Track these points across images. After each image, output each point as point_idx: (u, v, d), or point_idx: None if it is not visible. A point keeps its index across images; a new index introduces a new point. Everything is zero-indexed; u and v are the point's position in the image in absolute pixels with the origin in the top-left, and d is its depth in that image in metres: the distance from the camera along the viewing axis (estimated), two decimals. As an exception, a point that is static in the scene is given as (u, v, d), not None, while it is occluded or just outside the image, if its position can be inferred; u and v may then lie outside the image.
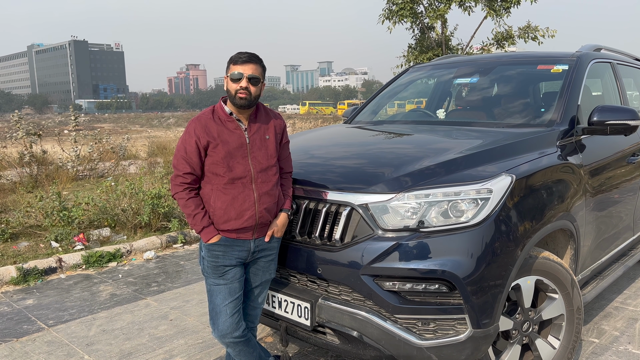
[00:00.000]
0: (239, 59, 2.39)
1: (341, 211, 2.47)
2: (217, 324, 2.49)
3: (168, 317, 3.91)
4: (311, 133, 3.86)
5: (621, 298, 4.08)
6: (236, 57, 2.41)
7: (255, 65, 2.41)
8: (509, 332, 2.61)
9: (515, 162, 2.64)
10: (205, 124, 2.42)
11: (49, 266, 4.90)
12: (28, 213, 6.22)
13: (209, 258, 2.47)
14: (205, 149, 2.40)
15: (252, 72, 2.39)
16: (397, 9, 13.54)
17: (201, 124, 2.42)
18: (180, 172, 2.41)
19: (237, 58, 2.40)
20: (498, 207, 2.37)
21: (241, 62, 2.39)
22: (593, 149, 3.22)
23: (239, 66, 2.39)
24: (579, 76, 3.42)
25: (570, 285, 2.73)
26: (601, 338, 3.40)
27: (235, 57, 2.42)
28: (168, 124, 54.73)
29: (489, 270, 2.31)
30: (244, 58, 2.39)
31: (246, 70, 2.38)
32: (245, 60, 2.39)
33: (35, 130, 9.97)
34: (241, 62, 2.39)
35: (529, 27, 13.87)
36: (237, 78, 2.38)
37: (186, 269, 5.08)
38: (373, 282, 2.35)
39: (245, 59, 2.39)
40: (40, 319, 3.90)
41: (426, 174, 2.49)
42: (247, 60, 2.39)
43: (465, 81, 4.03)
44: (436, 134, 3.34)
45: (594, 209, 3.12)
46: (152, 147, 15.04)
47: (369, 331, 2.37)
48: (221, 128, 2.42)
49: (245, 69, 2.38)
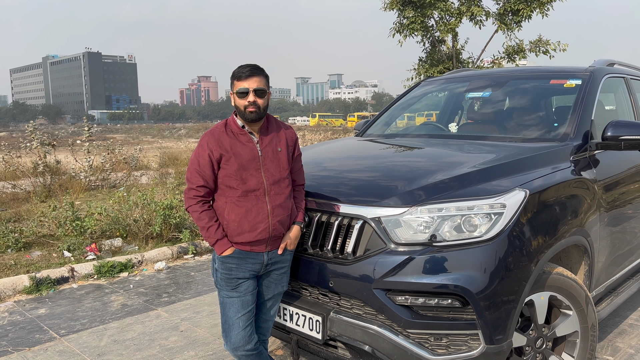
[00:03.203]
0: (242, 74, 2.40)
1: (353, 224, 2.47)
2: (229, 336, 2.49)
3: (179, 328, 3.92)
4: (323, 146, 3.87)
5: (636, 315, 4.02)
6: (238, 72, 2.42)
7: (259, 77, 2.42)
8: (522, 348, 2.58)
9: (528, 176, 2.63)
10: (218, 137, 2.44)
11: (61, 276, 4.94)
12: (41, 223, 6.29)
13: (222, 270, 2.48)
14: (218, 162, 2.42)
15: (257, 85, 2.41)
16: (408, 23, 13.59)
17: (214, 137, 2.44)
18: (194, 185, 2.43)
19: (240, 73, 2.41)
20: (512, 222, 2.36)
21: (245, 77, 2.40)
22: (607, 164, 3.20)
23: (244, 81, 2.40)
24: (592, 91, 3.41)
25: (584, 301, 2.70)
26: (616, 356, 3.35)
27: (237, 72, 2.43)
28: (179, 135, 55.18)
29: (502, 286, 2.29)
30: (247, 72, 2.40)
31: (251, 84, 2.40)
32: (249, 74, 2.40)
33: (49, 140, 10.12)
34: (245, 77, 2.40)
35: (540, 40, 13.86)
36: (243, 92, 2.39)
37: (197, 279, 5.09)
38: (385, 296, 2.34)
39: (248, 73, 2.40)
40: (52, 329, 3.92)
41: (439, 188, 2.49)
42: (250, 74, 2.41)
43: (478, 95, 4.03)
44: (449, 147, 3.34)
45: (608, 224, 3.09)
46: (164, 158, 15.16)
47: (381, 346, 2.35)
48: (234, 141, 2.44)
49: (250, 83, 2.40)
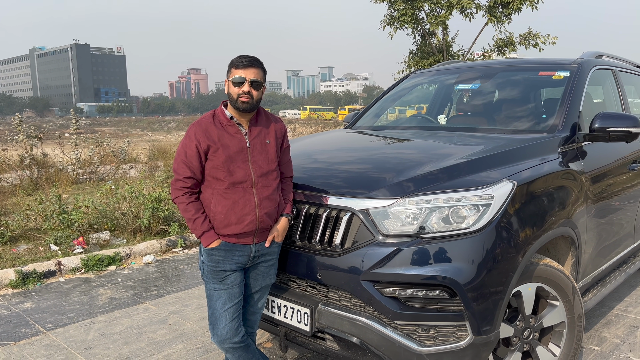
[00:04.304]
0: (241, 63, 2.38)
1: (342, 216, 2.46)
2: (216, 329, 2.48)
3: (167, 322, 3.89)
4: (312, 138, 3.85)
5: (622, 305, 4.06)
6: (237, 61, 2.40)
7: (257, 70, 2.40)
8: (510, 339, 2.59)
9: (516, 168, 2.63)
10: (205, 128, 2.41)
11: (48, 269, 4.89)
12: (28, 216, 6.21)
13: (209, 263, 2.46)
14: (205, 153, 2.39)
15: (254, 77, 2.38)
16: (399, 15, 13.55)
17: (202, 128, 2.41)
18: (181, 176, 2.40)
19: (239, 62, 2.39)
20: (499, 213, 2.36)
21: (243, 66, 2.38)
22: (594, 155, 3.21)
23: (241, 70, 2.38)
24: (580, 83, 3.41)
25: (571, 292, 2.72)
26: (602, 346, 3.38)
27: (236, 60, 2.40)
28: (169, 127, 54.81)
29: (489, 277, 2.29)
30: (246, 62, 2.38)
31: (248, 74, 2.37)
32: (247, 64, 2.38)
33: (36, 133, 9.98)
34: (243, 67, 2.38)
35: (530, 33, 13.90)
36: (239, 82, 2.37)
37: (185, 273, 5.06)
38: (373, 288, 2.33)
39: (247, 63, 2.38)
40: (39, 323, 3.88)
41: (427, 179, 2.48)
42: (248, 64, 2.38)
43: (467, 87, 4.03)
44: (437, 139, 3.33)
45: (595, 215, 3.11)
46: (153, 150, 15.03)
47: (369, 337, 2.35)
48: (222, 132, 2.41)
49: (247, 73, 2.37)
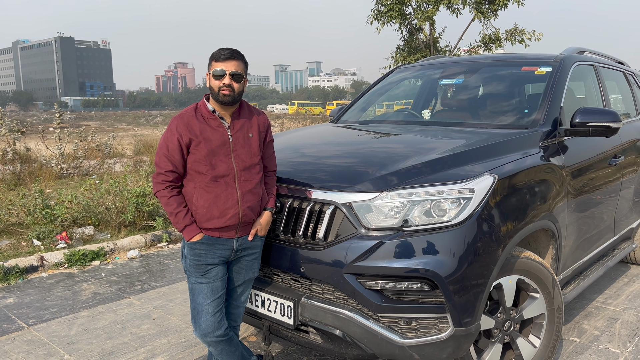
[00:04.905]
0: (221, 56, 2.37)
1: (325, 210, 2.47)
2: (198, 322, 2.47)
3: (151, 316, 3.88)
4: (296, 132, 3.85)
5: (602, 298, 4.13)
6: (218, 53, 2.39)
7: (238, 62, 2.39)
8: (491, 331, 2.62)
9: (498, 162, 2.65)
10: (187, 121, 2.40)
11: (30, 264, 4.83)
12: (10, 211, 6.13)
13: (191, 256, 2.45)
14: (187, 147, 2.38)
15: (235, 69, 2.37)
16: (386, 10, 13.58)
17: (183, 122, 2.40)
18: (162, 169, 2.39)
19: (219, 55, 2.38)
20: (480, 206, 2.38)
21: (223, 58, 2.37)
22: (575, 150, 3.25)
23: (221, 63, 2.37)
24: (562, 78, 3.45)
25: (551, 284, 2.76)
26: (582, 337, 3.44)
27: (216, 53, 2.39)
28: (155, 122, 54.36)
29: (470, 269, 2.32)
30: (226, 55, 2.37)
31: (229, 67, 2.37)
32: (228, 56, 2.37)
33: (19, 127, 9.84)
34: (223, 59, 2.37)
35: (516, 29, 14.04)
36: (219, 75, 2.36)
37: (170, 267, 5.04)
38: (356, 281, 2.35)
39: (227, 56, 2.37)
40: (21, 318, 3.84)
41: (409, 173, 2.50)
42: (229, 56, 2.37)
43: (451, 82, 4.05)
44: (421, 134, 3.35)
45: (575, 209, 3.15)
46: (139, 145, 14.89)
47: (352, 330, 2.37)
48: (204, 126, 2.40)
49: (228, 65, 2.37)
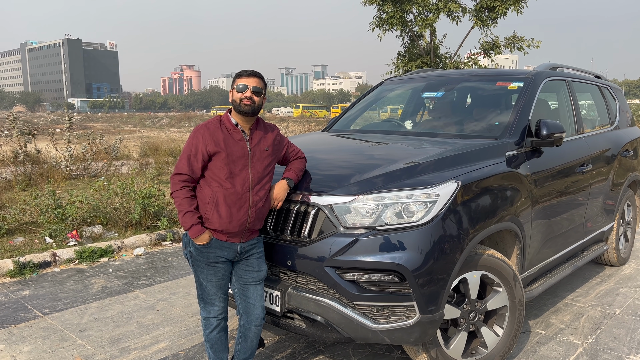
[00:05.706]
0: (244, 73, 2.74)
1: (309, 211, 2.80)
2: (208, 304, 2.78)
3: (155, 308, 4.22)
4: (291, 140, 4.19)
5: (572, 295, 4.44)
6: (241, 72, 2.76)
7: (258, 79, 2.74)
8: (457, 320, 2.95)
9: (464, 170, 2.98)
10: (213, 132, 2.69)
11: (43, 260, 5.19)
12: (23, 210, 6.49)
13: (197, 255, 2.73)
14: (210, 155, 2.66)
15: (256, 85, 2.71)
16: (387, 17, 13.86)
17: (209, 131, 2.69)
18: (181, 171, 2.66)
19: (242, 72, 2.75)
20: (444, 209, 2.71)
21: (245, 75, 2.73)
22: (542, 159, 3.55)
23: (244, 79, 2.72)
24: (532, 92, 3.77)
25: (512, 280, 3.08)
26: (548, 330, 3.75)
27: (240, 72, 2.76)
28: (161, 124, 54.81)
29: (435, 264, 2.65)
30: (248, 72, 2.74)
31: (250, 82, 2.71)
32: (250, 74, 2.73)
33: (30, 129, 10.21)
34: (245, 76, 2.73)
35: (515, 37, 14.32)
36: (242, 89, 2.69)
37: (174, 264, 5.38)
38: (335, 273, 2.68)
39: (249, 73, 2.74)
40: (36, 308, 4.19)
41: (385, 179, 2.83)
42: (251, 74, 2.74)
43: (432, 95, 4.39)
44: (400, 143, 3.68)
45: (540, 213, 3.46)
46: (145, 147, 15.26)
47: (331, 316, 2.70)
48: (227, 137, 2.69)
49: (250, 81, 2.71)
